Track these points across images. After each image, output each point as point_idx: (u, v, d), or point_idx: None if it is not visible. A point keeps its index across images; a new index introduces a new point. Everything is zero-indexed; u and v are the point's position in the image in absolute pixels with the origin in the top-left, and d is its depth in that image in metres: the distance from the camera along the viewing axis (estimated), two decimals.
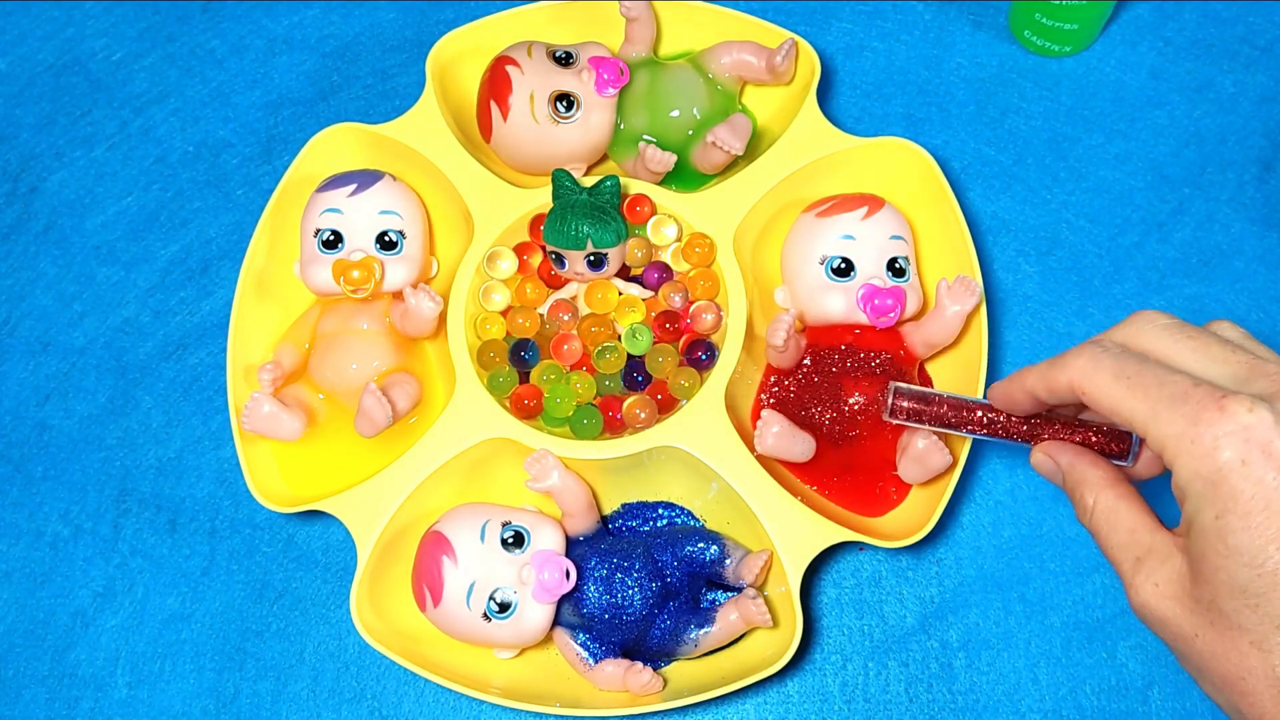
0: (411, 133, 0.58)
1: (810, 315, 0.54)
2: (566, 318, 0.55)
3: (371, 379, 0.53)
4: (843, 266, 0.53)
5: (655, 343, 0.55)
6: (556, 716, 0.48)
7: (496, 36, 0.59)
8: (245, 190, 0.64)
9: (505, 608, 0.48)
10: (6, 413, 0.60)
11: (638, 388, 0.55)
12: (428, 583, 0.48)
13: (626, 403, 0.54)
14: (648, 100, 0.58)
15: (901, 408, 0.45)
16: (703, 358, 0.54)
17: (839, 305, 0.53)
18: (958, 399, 0.45)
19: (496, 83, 0.56)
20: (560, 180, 0.53)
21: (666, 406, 0.54)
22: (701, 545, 0.51)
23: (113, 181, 0.65)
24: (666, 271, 0.56)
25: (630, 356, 0.55)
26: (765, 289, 0.57)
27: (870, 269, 0.53)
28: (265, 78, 0.67)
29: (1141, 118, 0.63)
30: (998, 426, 0.43)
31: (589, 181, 0.54)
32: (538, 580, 0.47)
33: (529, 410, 0.54)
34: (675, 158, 0.56)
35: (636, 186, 0.57)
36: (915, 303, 0.53)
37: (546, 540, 0.49)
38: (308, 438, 0.53)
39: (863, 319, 0.52)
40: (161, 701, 0.54)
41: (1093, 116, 0.63)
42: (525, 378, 0.55)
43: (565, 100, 0.56)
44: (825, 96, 0.64)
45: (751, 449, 0.52)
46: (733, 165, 0.58)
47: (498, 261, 0.56)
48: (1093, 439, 0.41)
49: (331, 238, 0.54)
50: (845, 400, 0.52)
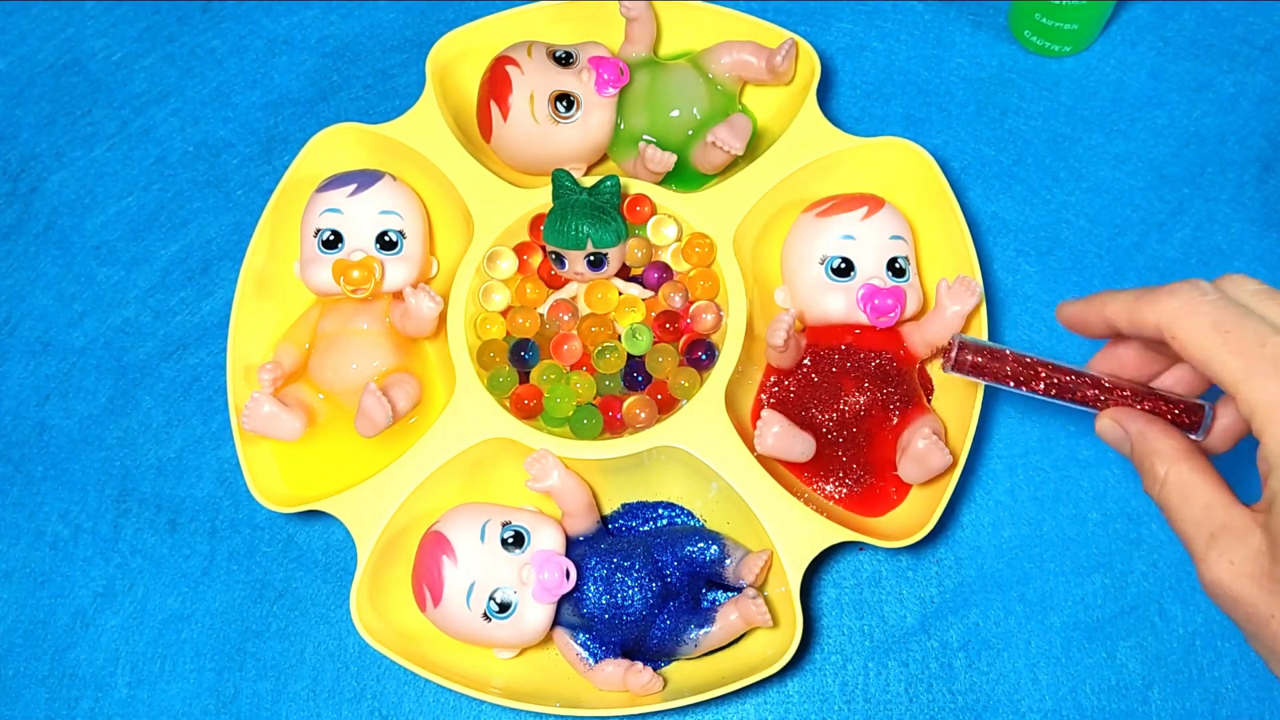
0: (411, 133, 0.58)
1: (810, 315, 0.54)
2: (566, 318, 0.55)
3: (371, 379, 0.53)
4: (843, 266, 0.53)
5: (655, 343, 0.55)
6: (556, 716, 0.48)
7: (496, 36, 0.59)
8: (245, 190, 0.64)
9: (505, 608, 0.48)
10: (6, 413, 0.60)
11: (638, 388, 0.55)
12: (428, 583, 0.48)
13: (626, 403, 0.54)
14: (648, 100, 0.58)
15: (966, 360, 0.41)
16: (703, 358, 0.54)
17: (839, 305, 0.53)
18: (1023, 356, 0.41)
19: (496, 83, 0.56)
20: (560, 180, 0.53)
21: (666, 406, 0.54)
22: (701, 545, 0.51)
23: (113, 181, 0.65)
24: (666, 271, 0.56)
25: (630, 356, 0.55)
26: (765, 289, 0.57)
27: (870, 269, 0.53)
28: (265, 78, 0.67)
29: (1141, 118, 0.63)
30: (1064, 389, 0.40)
31: (589, 181, 0.54)
32: (538, 580, 0.47)
33: (529, 410, 0.54)
34: (675, 158, 0.56)
35: (636, 186, 0.57)
36: (915, 303, 0.53)
37: (546, 540, 0.49)
38: (308, 438, 0.53)
39: (863, 319, 0.52)
40: (161, 701, 0.54)
41: (1093, 116, 0.63)
42: (525, 378, 0.55)
43: (565, 100, 0.56)
44: (825, 96, 0.64)
45: (751, 449, 0.52)
46: (733, 165, 0.58)
47: (498, 261, 0.56)
48: (1163, 408, 0.38)
49: (331, 238, 0.54)
50: (845, 400, 0.52)
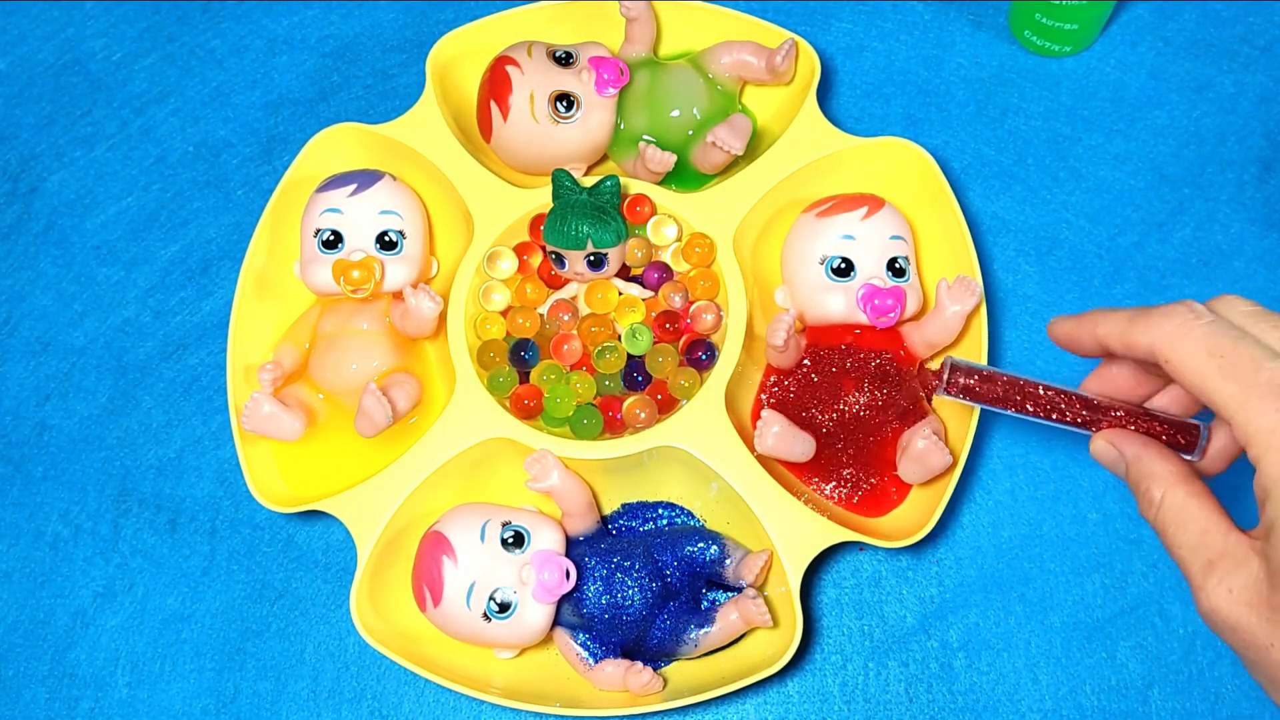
0: (411, 133, 0.58)
1: (810, 315, 0.54)
2: (566, 318, 0.55)
3: (371, 379, 0.53)
4: (843, 266, 0.53)
5: (655, 343, 0.55)
6: (556, 716, 0.48)
7: (496, 36, 0.59)
8: (245, 190, 0.64)
9: (505, 608, 0.48)
10: (6, 413, 0.60)
11: (638, 388, 0.55)
12: (428, 583, 0.48)
13: (626, 403, 0.54)
14: (648, 100, 0.58)
15: (958, 384, 0.41)
16: (703, 358, 0.54)
17: (839, 305, 0.53)
18: (1016, 378, 0.41)
19: (496, 83, 0.56)
20: (560, 180, 0.53)
21: (666, 406, 0.54)
22: (701, 545, 0.51)
23: (113, 181, 0.65)
24: (666, 271, 0.56)
25: (630, 356, 0.55)
26: (765, 289, 0.57)
27: (870, 269, 0.53)
28: (265, 78, 0.67)
29: (1141, 118, 0.63)
30: (1057, 412, 0.40)
31: (589, 181, 0.54)
32: (538, 580, 0.47)
33: (529, 410, 0.54)
34: (675, 158, 0.56)
35: (636, 186, 0.57)
36: (915, 303, 0.53)
37: (546, 540, 0.49)
38: (308, 438, 0.53)
39: (863, 319, 0.52)
40: (161, 701, 0.54)
41: (1093, 116, 0.63)
42: (525, 378, 0.55)
43: (565, 100, 0.56)
44: (825, 96, 0.64)
45: (751, 449, 0.52)
46: (733, 165, 0.58)
47: (498, 261, 0.56)
48: (1158, 428, 0.38)
49: (331, 238, 0.54)
50: (845, 400, 0.52)
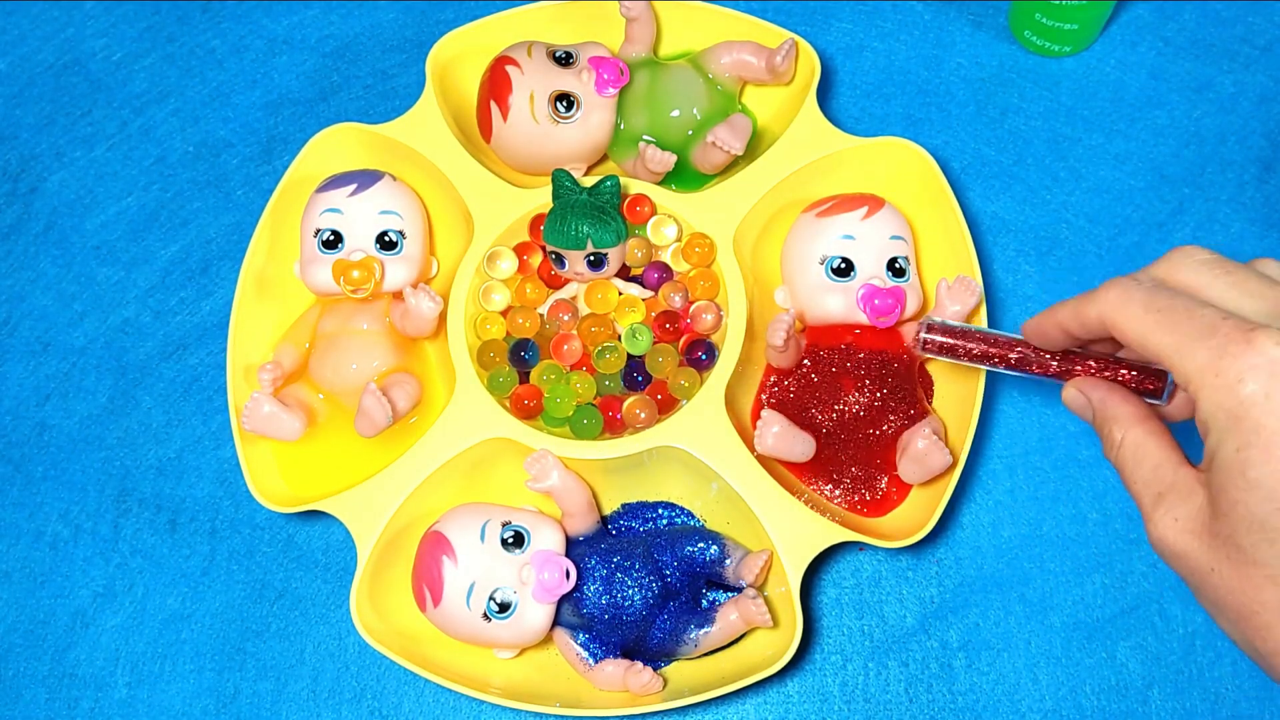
0: (411, 133, 0.58)
1: (810, 315, 0.54)
2: (566, 318, 0.55)
3: (371, 379, 0.53)
4: (843, 266, 0.53)
5: (655, 343, 0.55)
6: (556, 716, 0.48)
7: (496, 36, 0.59)
8: (245, 190, 0.64)
9: (505, 608, 0.48)
10: (6, 413, 0.60)
11: (638, 388, 0.55)
12: (428, 583, 0.48)
13: (626, 403, 0.54)
14: (648, 100, 0.58)
15: (934, 342, 0.44)
16: (703, 358, 0.54)
17: (839, 305, 0.53)
18: (989, 334, 0.44)
19: (496, 83, 0.56)
20: (560, 180, 0.53)
21: (666, 406, 0.54)
22: (701, 545, 0.51)
23: (113, 181, 0.65)
24: (666, 271, 0.56)
25: (630, 356, 0.55)
26: (765, 289, 0.57)
27: (870, 269, 0.53)
28: (265, 78, 0.67)
29: (1141, 118, 0.63)
30: (1030, 363, 0.42)
31: (589, 181, 0.54)
32: (538, 580, 0.47)
33: (529, 410, 0.54)
34: (675, 158, 0.56)
35: (636, 186, 0.57)
36: (915, 303, 0.53)
37: (546, 540, 0.49)
38: (308, 438, 0.53)
39: (863, 319, 0.52)
40: (161, 701, 0.54)
41: (1093, 116, 0.63)
42: (525, 378, 0.55)
43: (565, 100, 0.56)
44: (825, 96, 0.64)
45: (751, 449, 0.52)
46: (733, 165, 0.58)
47: (498, 261, 0.56)
48: (1126, 375, 0.40)
49: (331, 238, 0.54)
50: (845, 400, 0.52)
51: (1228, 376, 0.31)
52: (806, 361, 0.54)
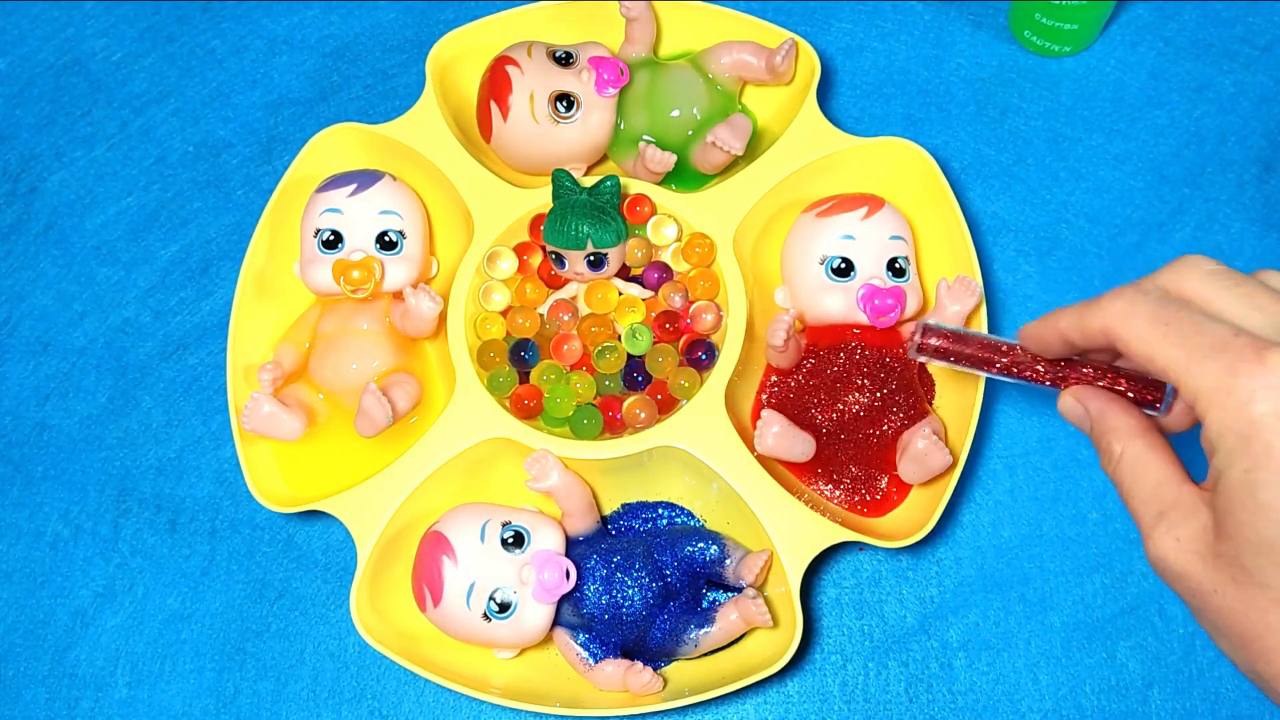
0: (411, 133, 0.58)
1: (810, 315, 0.54)
2: (566, 318, 0.55)
3: (371, 379, 0.53)
4: (843, 266, 0.53)
5: (655, 343, 0.55)
6: (556, 716, 0.48)
7: (496, 36, 0.59)
8: (245, 190, 0.64)
9: (505, 608, 0.48)
10: (6, 413, 0.60)
11: (638, 388, 0.55)
12: (428, 583, 0.48)
13: (626, 403, 0.54)
14: (648, 100, 0.58)
15: (929, 345, 0.43)
16: (703, 358, 0.54)
17: (839, 305, 0.53)
18: (986, 339, 0.42)
19: (496, 83, 0.56)
20: (560, 180, 0.53)
21: (666, 406, 0.54)
22: (701, 545, 0.51)
23: (113, 181, 0.65)
24: (666, 271, 0.56)
25: (630, 356, 0.55)
26: (765, 289, 0.57)
27: (870, 269, 0.53)
28: (265, 78, 0.67)
29: (1141, 118, 0.63)
30: (1026, 369, 0.41)
31: (589, 181, 0.54)
32: (538, 580, 0.47)
33: (529, 410, 0.54)
34: (675, 158, 0.56)
35: (636, 186, 0.57)
36: (915, 303, 0.53)
37: (546, 540, 0.49)
38: (308, 438, 0.53)
39: (863, 319, 0.52)
40: (161, 701, 0.54)
41: (1093, 116, 0.63)
42: (525, 378, 0.55)
43: (565, 100, 0.56)
44: (825, 96, 0.64)
45: (751, 449, 0.52)
46: (733, 165, 0.58)
47: (498, 261, 0.56)
48: (1124, 385, 0.39)
49: (331, 238, 0.54)
50: (845, 400, 0.52)
51: (1238, 395, 0.30)
52: (809, 361, 0.54)
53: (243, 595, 0.56)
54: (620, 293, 0.56)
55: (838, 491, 0.54)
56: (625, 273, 0.57)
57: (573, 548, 0.50)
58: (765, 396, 0.55)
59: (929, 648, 0.54)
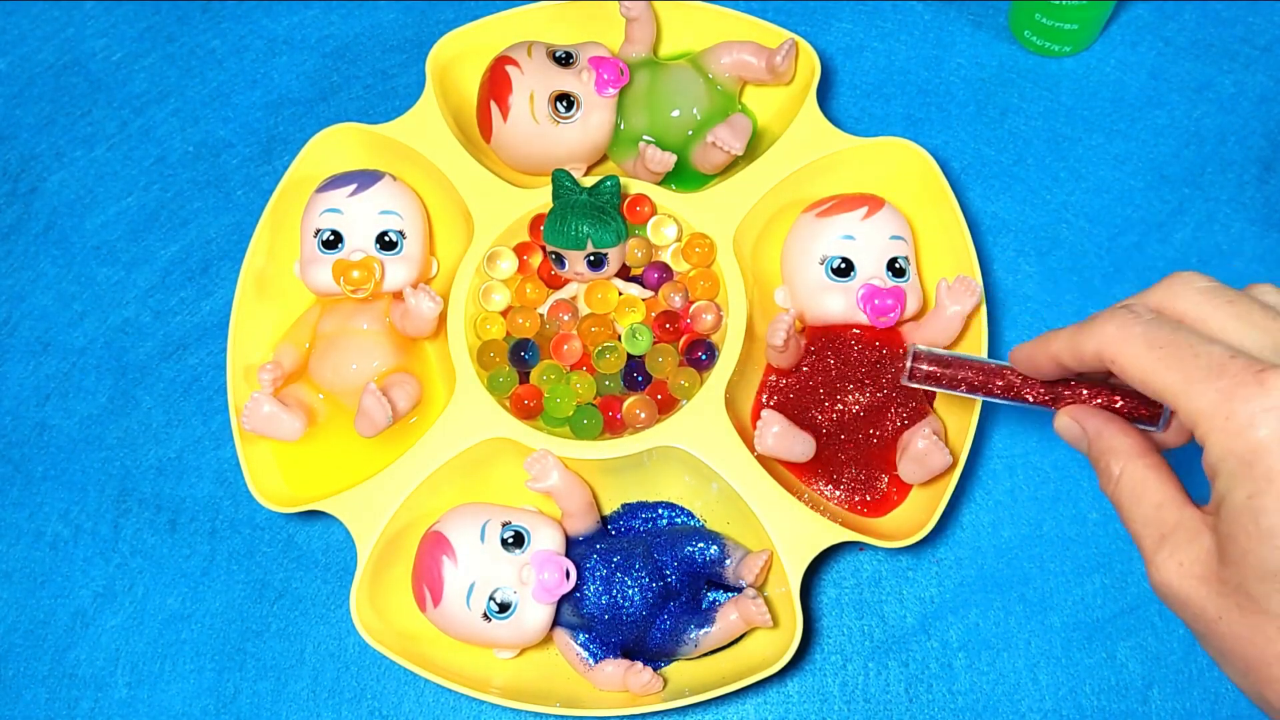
0: (411, 133, 0.58)
1: (810, 315, 0.54)
2: (566, 318, 0.55)
3: (371, 379, 0.53)
4: (843, 266, 0.53)
5: (655, 343, 0.55)
6: (556, 716, 0.48)
7: (496, 36, 0.59)
8: (245, 190, 0.64)
9: (505, 608, 0.48)
10: (6, 413, 0.60)
11: (638, 388, 0.55)
12: (428, 583, 0.48)
13: (626, 403, 0.54)
14: (648, 100, 0.58)
15: (920, 371, 0.43)
16: (703, 358, 0.54)
17: (839, 305, 0.53)
18: (978, 362, 0.42)
19: (496, 83, 0.56)
20: (560, 180, 0.53)
21: (666, 406, 0.54)
22: (701, 545, 0.51)
23: (113, 181, 0.65)
24: (666, 271, 0.56)
25: (630, 356, 0.55)
26: (765, 289, 0.57)
27: (870, 269, 0.53)
28: (265, 78, 0.67)
29: (1141, 118, 0.63)
30: (1020, 391, 0.41)
31: (589, 181, 0.54)
32: (538, 580, 0.47)
33: (529, 410, 0.54)
34: (675, 158, 0.56)
35: (636, 186, 0.57)
36: (915, 303, 0.53)
37: (546, 540, 0.49)
38: (308, 438, 0.53)
39: (863, 319, 0.52)
40: (161, 701, 0.54)
41: (1093, 116, 0.63)
42: (525, 378, 0.55)
43: (565, 100, 0.56)
44: (825, 96, 0.64)
45: (751, 449, 0.52)
46: (733, 165, 0.58)
47: (498, 261, 0.56)
48: (1120, 403, 0.39)
49: (331, 238, 0.54)
50: (845, 400, 0.52)
51: (1238, 420, 0.29)
52: (809, 361, 0.54)
53: (243, 595, 0.56)
54: (620, 293, 0.56)
55: (838, 491, 0.54)
56: (625, 273, 0.57)
57: (573, 548, 0.50)
58: (765, 396, 0.55)
59: (929, 648, 0.54)
